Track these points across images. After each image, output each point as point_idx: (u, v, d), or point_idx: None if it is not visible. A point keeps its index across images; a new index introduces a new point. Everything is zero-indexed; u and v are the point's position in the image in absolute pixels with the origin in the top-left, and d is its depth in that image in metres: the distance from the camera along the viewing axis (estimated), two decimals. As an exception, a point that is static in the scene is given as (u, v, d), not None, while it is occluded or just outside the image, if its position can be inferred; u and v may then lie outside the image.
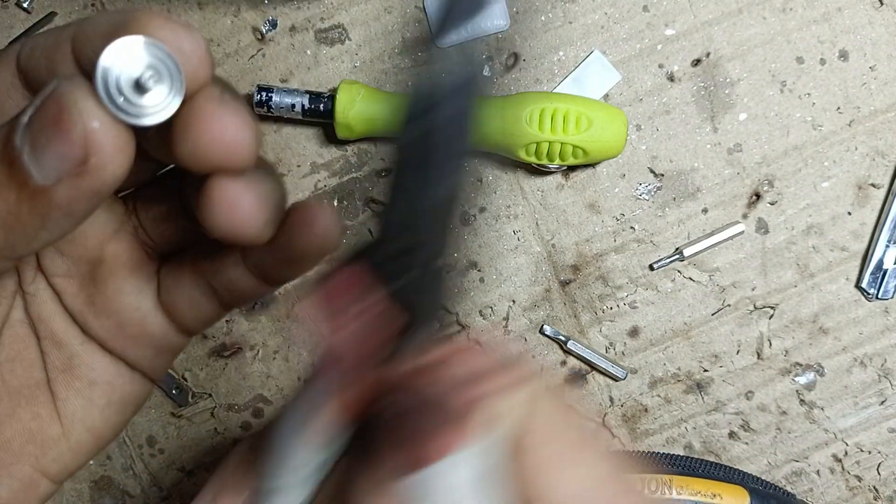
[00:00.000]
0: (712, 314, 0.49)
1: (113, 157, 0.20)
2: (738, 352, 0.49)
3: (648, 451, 0.48)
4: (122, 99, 0.20)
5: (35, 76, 0.24)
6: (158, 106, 0.21)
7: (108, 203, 0.28)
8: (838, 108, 0.48)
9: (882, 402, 0.49)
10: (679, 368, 0.49)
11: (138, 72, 0.20)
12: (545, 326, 0.49)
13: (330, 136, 0.48)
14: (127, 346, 0.28)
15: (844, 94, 0.48)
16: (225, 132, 0.21)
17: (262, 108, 0.46)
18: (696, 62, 0.48)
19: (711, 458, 0.50)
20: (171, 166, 0.28)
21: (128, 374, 0.29)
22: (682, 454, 0.49)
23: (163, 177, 0.29)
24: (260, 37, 0.48)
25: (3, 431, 0.27)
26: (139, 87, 0.20)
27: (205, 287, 0.27)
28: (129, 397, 0.29)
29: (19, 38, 0.46)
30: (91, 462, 0.50)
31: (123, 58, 0.20)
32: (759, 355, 0.49)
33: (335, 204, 0.48)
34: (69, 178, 0.20)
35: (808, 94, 0.48)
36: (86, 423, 0.28)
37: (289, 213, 0.25)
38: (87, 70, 0.23)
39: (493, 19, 0.48)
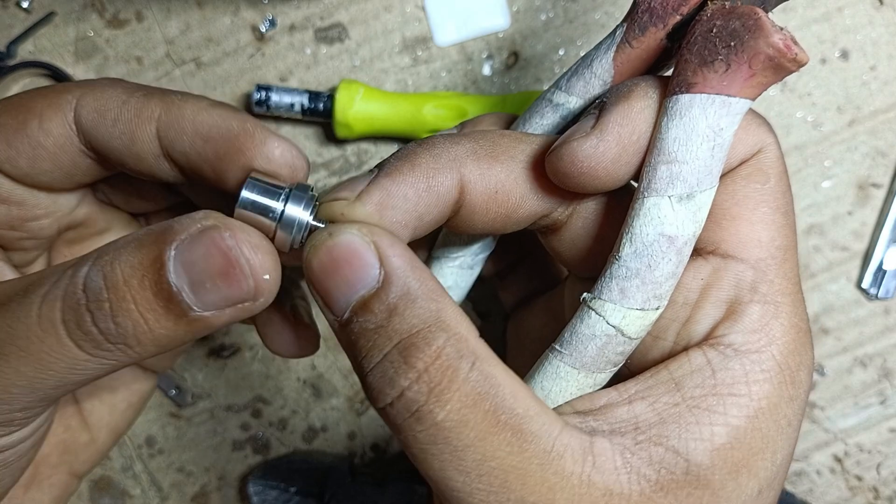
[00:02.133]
0: (713, 314, 0.49)
1: (273, 289, 0.23)
2: (738, 352, 0.49)
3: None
4: (300, 241, 0.24)
5: (105, 145, 0.25)
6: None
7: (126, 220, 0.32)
8: (839, 107, 0.48)
9: (882, 402, 0.49)
10: (679, 368, 0.49)
11: (314, 221, 0.24)
12: (545, 326, 0.49)
13: (329, 135, 0.48)
14: None
15: (845, 94, 0.48)
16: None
17: (261, 107, 0.45)
18: (697, 61, 0.48)
19: (712, 459, 0.50)
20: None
21: (142, 375, 0.31)
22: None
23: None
24: (259, 36, 0.47)
25: (42, 449, 0.28)
26: (288, 224, 0.24)
27: None
28: (143, 395, 0.32)
29: (19, 38, 0.46)
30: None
31: (263, 191, 0.24)
32: (759, 355, 0.49)
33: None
34: (231, 310, 0.22)
35: (809, 93, 0.48)
36: (110, 426, 0.31)
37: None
38: (177, 162, 0.25)
39: (493, 19, 0.48)
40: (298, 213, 0.24)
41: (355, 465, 0.49)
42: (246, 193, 0.23)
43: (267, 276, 0.22)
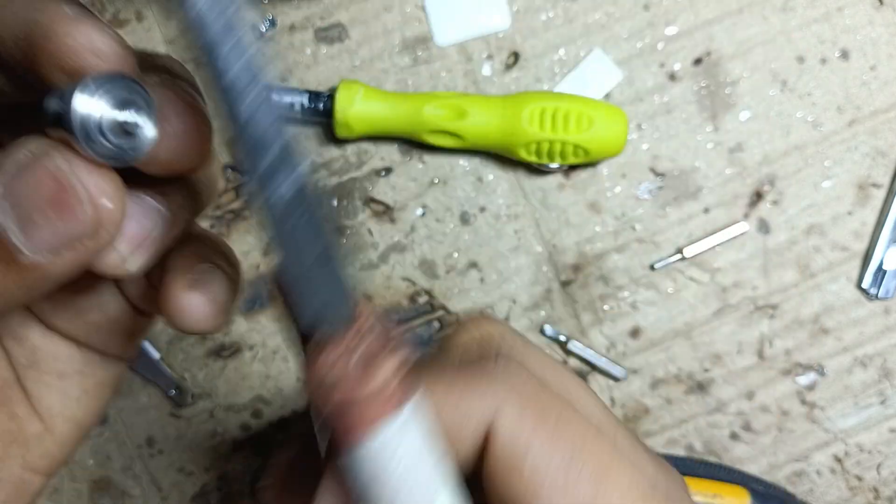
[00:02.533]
0: (713, 314, 0.49)
1: (116, 219, 0.19)
2: (739, 352, 0.49)
3: (649, 452, 0.48)
4: (108, 146, 0.19)
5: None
6: (137, 141, 0.19)
7: None
8: (839, 107, 0.48)
9: (882, 402, 0.49)
10: (680, 369, 0.49)
11: (121, 115, 0.19)
12: (546, 326, 0.49)
13: (329, 135, 0.48)
14: (91, 333, 0.26)
15: (845, 94, 0.48)
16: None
17: (261, 107, 0.45)
18: (698, 61, 0.48)
19: (713, 459, 0.50)
20: None
21: (98, 361, 0.27)
22: (683, 455, 0.49)
23: None
24: (259, 36, 0.47)
25: None
26: (123, 130, 0.19)
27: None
28: (104, 382, 0.28)
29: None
30: (90, 462, 0.50)
31: (98, 98, 0.18)
32: (760, 355, 0.49)
33: (335, 204, 0.48)
34: (68, 252, 0.19)
35: (809, 93, 0.48)
36: (65, 414, 0.27)
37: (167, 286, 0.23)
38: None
39: (493, 19, 0.47)
40: (89, 107, 0.18)
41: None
42: (48, 102, 0.18)
43: (106, 201, 0.19)
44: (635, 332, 0.49)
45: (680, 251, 0.48)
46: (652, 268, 0.49)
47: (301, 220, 0.20)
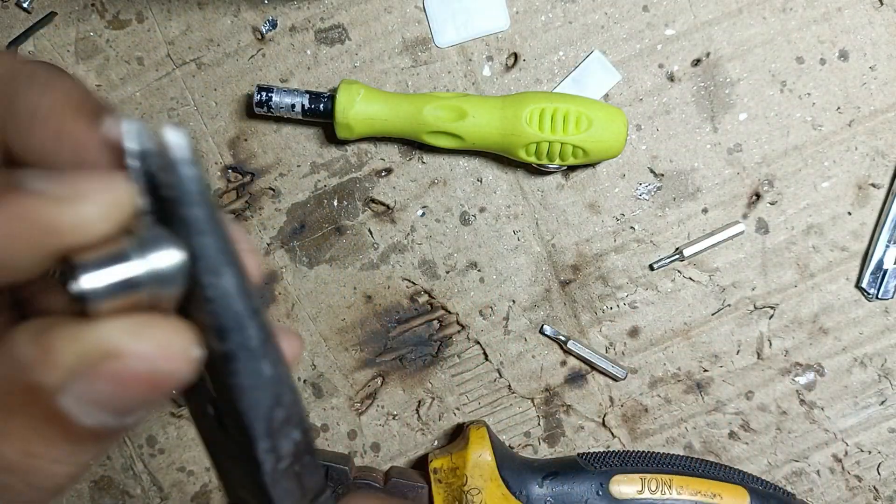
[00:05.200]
0: (712, 314, 0.49)
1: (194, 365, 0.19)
2: (738, 352, 0.49)
3: (648, 451, 0.48)
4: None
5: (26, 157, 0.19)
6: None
7: None
8: (838, 107, 0.48)
9: (882, 402, 0.49)
10: (679, 368, 0.49)
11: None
12: (545, 326, 0.49)
13: (330, 135, 0.48)
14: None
15: (844, 94, 0.48)
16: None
17: (261, 108, 0.46)
18: (696, 62, 0.48)
19: (711, 458, 0.50)
20: None
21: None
22: (682, 454, 0.49)
23: None
24: (260, 37, 0.48)
25: None
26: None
27: None
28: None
29: (19, 38, 0.46)
30: (90, 462, 0.50)
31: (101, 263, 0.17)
32: (759, 355, 0.49)
33: (335, 204, 0.49)
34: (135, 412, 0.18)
35: (809, 93, 0.48)
36: None
37: None
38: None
39: (493, 20, 0.48)
40: (165, 260, 0.17)
41: (355, 464, 0.49)
42: (84, 281, 0.17)
43: (187, 348, 0.18)
44: (634, 332, 0.49)
45: (679, 251, 0.48)
46: (651, 268, 0.49)
47: None
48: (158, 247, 0.17)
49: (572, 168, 0.48)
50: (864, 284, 0.48)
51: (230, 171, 0.48)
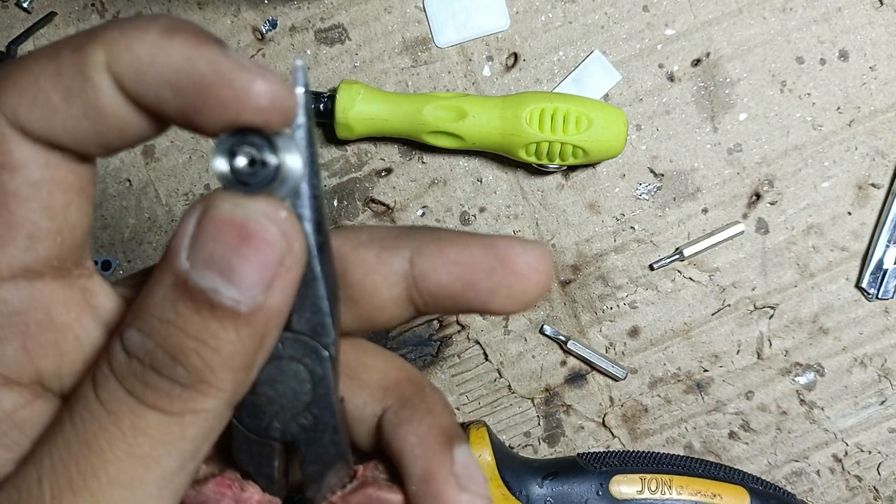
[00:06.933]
0: (712, 314, 0.49)
1: (297, 227, 0.19)
2: (738, 352, 0.49)
3: (648, 451, 0.48)
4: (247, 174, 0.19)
5: (157, 106, 0.19)
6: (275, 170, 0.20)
7: None
8: (838, 108, 0.48)
9: (882, 402, 0.49)
10: (679, 368, 0.49)
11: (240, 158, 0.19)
12: (545, 326, 0.49)
13: (330, 135, 0.48)
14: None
15: (844, 94, 0.48)
16: None
17: (262, 108, 0.46)
18: (696, 62, 0.48)
19: (711, 458, 0.50)
20: None
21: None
22: (682, 454, 0.49)
23: None
24: (260, 37, 0.48)
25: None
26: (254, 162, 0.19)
27: None
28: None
29: (19, 38, 0.46)
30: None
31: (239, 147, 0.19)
32: (759, 355, 0.49)
33: (335, 204, 0.49)
34: (278, 281, 0.19)
35: (808, 93, 0.48)
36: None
37: None
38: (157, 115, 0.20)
39: (493, 20, 0.48)
40: (294, 165, 0.19)
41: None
42: (219, 164, 0.19)
43: (283, 214, 0.19)
44: (634, 332, 0.49)
45: (679, 251, 0.48)
46: (651, 268, 0.49)
47: None
48: (290, 151, 0.20)
49: (572, 168, 0.48)
50: (864, 284, 0.48)
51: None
